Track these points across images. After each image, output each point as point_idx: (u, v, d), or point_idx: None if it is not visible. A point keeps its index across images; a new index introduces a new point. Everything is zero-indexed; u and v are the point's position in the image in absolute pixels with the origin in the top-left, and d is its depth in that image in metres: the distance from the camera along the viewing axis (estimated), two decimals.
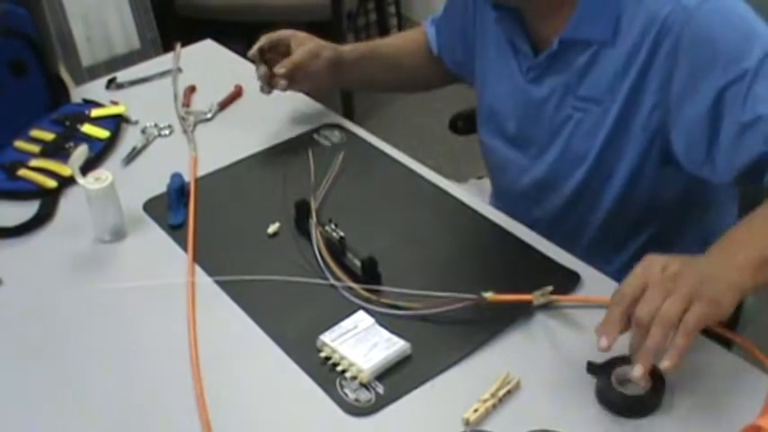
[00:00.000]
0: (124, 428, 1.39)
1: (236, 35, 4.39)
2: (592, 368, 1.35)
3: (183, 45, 2.51)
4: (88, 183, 1.72)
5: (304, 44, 1.98)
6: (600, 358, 1.35)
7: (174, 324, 1.54)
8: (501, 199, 1.93)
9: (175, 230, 1.77)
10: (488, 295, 1.46)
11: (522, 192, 1.83)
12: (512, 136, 1.82)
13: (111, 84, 2.34)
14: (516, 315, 1.48)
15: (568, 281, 1.55)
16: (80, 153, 1.74)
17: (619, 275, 1.52)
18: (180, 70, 2.29)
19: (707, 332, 1.40)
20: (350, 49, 2.05)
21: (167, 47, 4.05)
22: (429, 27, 2.11)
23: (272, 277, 1.59)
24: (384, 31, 4.82)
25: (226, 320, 1.56)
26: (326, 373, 1.42)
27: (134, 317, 1.60)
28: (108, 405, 1.43)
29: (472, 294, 1.47)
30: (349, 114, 3.70)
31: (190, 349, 1.49)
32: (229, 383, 1.44)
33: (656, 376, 1.31)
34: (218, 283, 1.62)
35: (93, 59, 4.06)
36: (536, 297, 1.47)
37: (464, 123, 2.30)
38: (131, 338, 1.55)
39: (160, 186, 1.86)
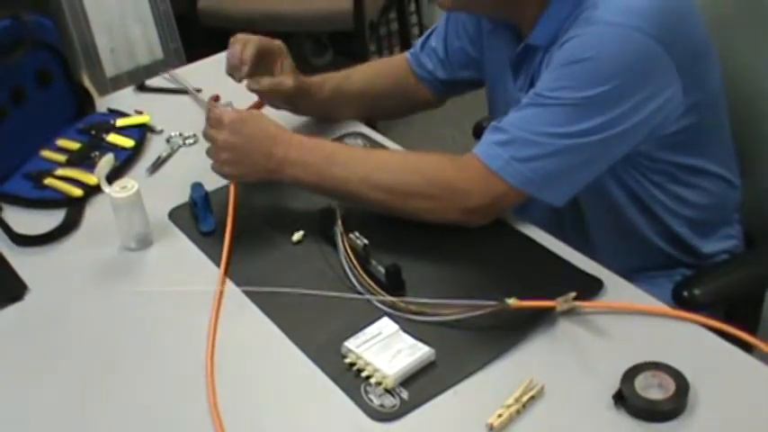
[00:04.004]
0: None
1: None
2: (618, 395, 1.35)
3: (206, 55, 2.53)
4: (114, 191, 1.74)
5: (288, 70, 1.98)
6: (623, 364, 1.36)
7: (199, 331, 1.56)
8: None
9: (203, 238, 1.79)
10: (511, 302, 1.47)
11: None
12: None
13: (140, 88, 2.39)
14: (539, 321, 1.49)
15: (591, 287, 1.56)
16: (106, 162, 1.77)
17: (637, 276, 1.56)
18: (199, 90, 2.31)
19: (728, 336, 1.41)
20: (312, 83, 2.06)
21: (190, 57, 4.09)
22: (414, 53, 2.13)
23: (298, 290, 1.60)
24: (405, 40, 4.83)
25: (250, 326, 1.58)
26: (351, 378, 1.43)
27: (160, 324, 1.62)
28: (131, 410, 1.45)
29: (495, 301, 1.47)
30: (371, 123, 3.72)
31: (206, 355, 1.50)
32: (255, 388, 1.46)
33: (679, 381, 1.32)
34: (245, 291, 1.64)
35: (117, 70, 4.08)
36: (559, 303, 1.48)
37: None
38: (157, 345, 1.57)
39: (185, 195, 1.87)
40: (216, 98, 1.93)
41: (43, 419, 1.45)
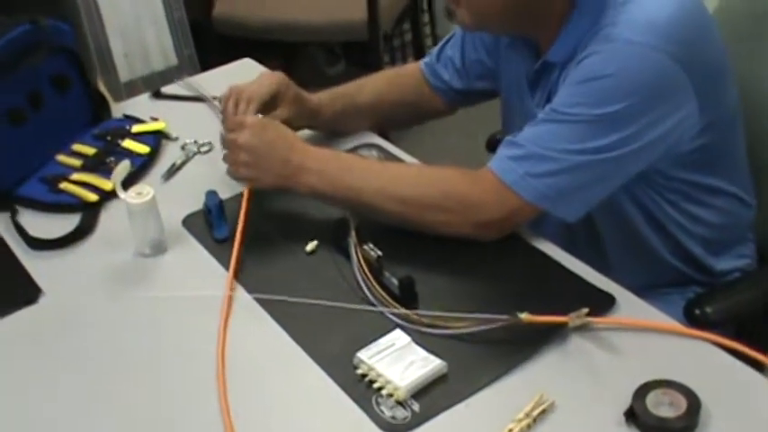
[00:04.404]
0: None
1: (273, 53, 4.45)
2: (629, 412, 1.35)
3: (220, 62, 2.54)
4: (130, 197, 1.75)
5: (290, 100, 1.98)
6: (635, 381, 1.36)
7: (212, 337, 1.57)
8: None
9: (217, 245, 1.79)
10: (524, 316, 1.47)
11: None
12: None
13: (156, 95, 2.41)
14: (551, 336, 1.50)
15: (603, 303, 1.56)
16: (122, 168, 1.78)
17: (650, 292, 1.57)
18: (215, 98, 2.32)
19: (740, 355, 1.42)
20: (323, 100, 2.07)
21: (204, 64, 4.11)
22: (429, 63, 2.14)
23: (311, 301, 1.61)
24: (419, 51, 4.84)
25: (262, 334, 1.59)
26: (363, 390, 1.44)
27: (172, 329, 1.63)
28: (142, 415, 1.46)
29: (508, 315, 1.48)
30: (383, 133, 3.72)
31: (217, 362, 1.51)
32: (266, 397, 1.47)
33: (691, 399, 1.32)
34: (256, 298, 1.65)
35: (131, 75, 4.10)
36: (571, 319, 1.49)
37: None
38: (169, 350, 1.58)
39: (199, 202, 1.88)
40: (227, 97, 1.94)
41: (54, 422, 1.46)
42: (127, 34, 4.05)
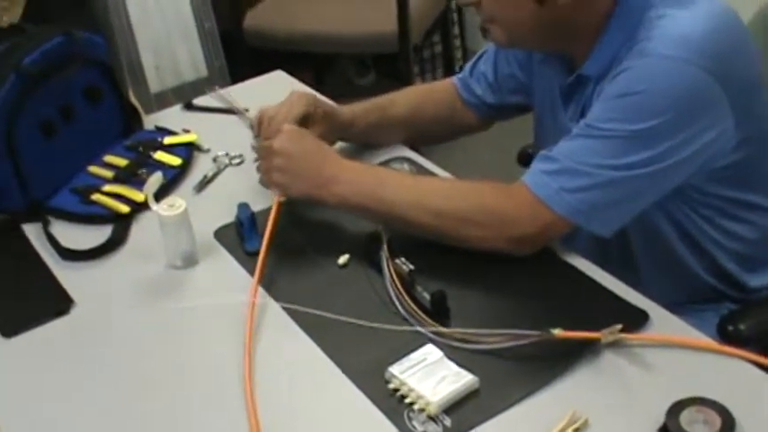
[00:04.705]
0: None
1: (303, 64, 4.46)
2: (663, 430, 1.35)
3: (250, 73, 2.55)
4: (162, 209, 1.76)
5: (319, 118, 1.99)
6: (668, 397, 1.36)
7: (237, 347, 1.57)
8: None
9: (249, 258, 1.79)
10: (556, 332, 1.47)
11: None
12: None
13: (187, 107, 2.42)
14: (584, 352, 1.49)
15: (636, 319, 1.56)
16: (155, 180, 1.78)
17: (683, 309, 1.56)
18: (247, 110, 2.34)
19: None
20: (355, 113, 2.08)
21: (235, 75, 4.13)
22: (462, 78, 2.15)
23: (343, 318, 1.61)
24: (449, 63, 4.85)
25: (294, 347, 1.59)
26: (395, 404, 1.44)
27: (203, 341, 1.63)
28: (171, 426, 1.47)
29: (540, 331, 1.47)
30: (414, 147, 3.71)
31: (243, 372, 1.51)
32: (297, 410, 1.47)
33: (725, 417, 1.31)
34: (288, 310, 1.65)
35: (162, 87, 4.12)
36: (604, 335, 1.48)
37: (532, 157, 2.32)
38: (200, 362, 1.59)
39: (231, 215, 1.89)
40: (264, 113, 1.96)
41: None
42: (158, 46, 4.08)
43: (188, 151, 2.18)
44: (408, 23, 3.98)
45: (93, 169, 2.10)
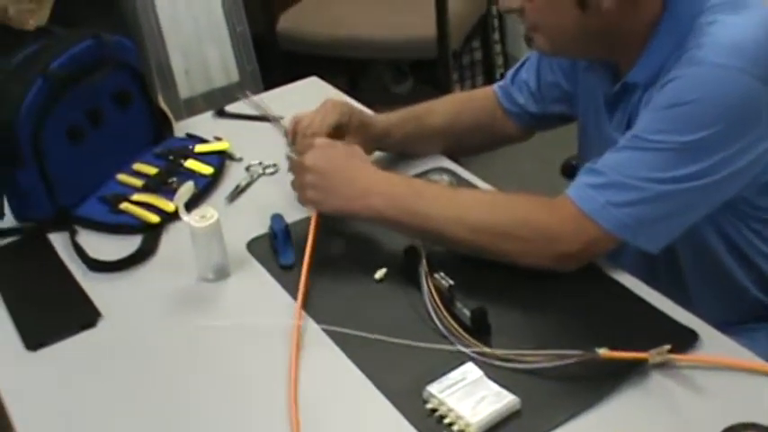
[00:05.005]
0: None
1: (338, 70, 4.48)
2: None
3: (283, 78, 2.57)
4: (193, 220, 1.77)
5: (354, 129, 2.01)
6: (719, 422, 1.35)
7: (274, 367, 1.58)
8: None
9: (282, 271, 1.81)
10: (601, 352, 1.47)
11: None
12: None
13: (219, 113, 2.45)
14: (630, 374, 1.49)
15: (685, 339, 1.55)
16: (186, 190, 1.80)
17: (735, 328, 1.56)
18: (281, 118, 2.35)
19: None
20: (391, 123, 2.10)
21: (267, 80, 4.15)
22: (503, 86, 2.16)
23: (381, 337, 1.61)
24: (489, 70, 4.85)
25: (329, 366, 1.59)
26: (433, 425, 1.44)
27: (234, 357, 1.64)
28: None
29: (584, 350, 1.47)
30: (453, 157, 3.69)
31: (289, 394, 1.51)
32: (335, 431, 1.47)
33: None
34: (324, 329, 1.65)
35: (191, 92, 4.15)
36: (652, 356, 1.48)
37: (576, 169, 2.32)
38: (230, 379, 1.59)
39: (264, 226, 1.91)
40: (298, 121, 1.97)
41: None
42: (188, 50, 4.11)
43: (220, 160, 2.19)
44: (447, 28, 3.99)
45: (122, 177, 2.12)
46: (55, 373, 1.64)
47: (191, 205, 1.85)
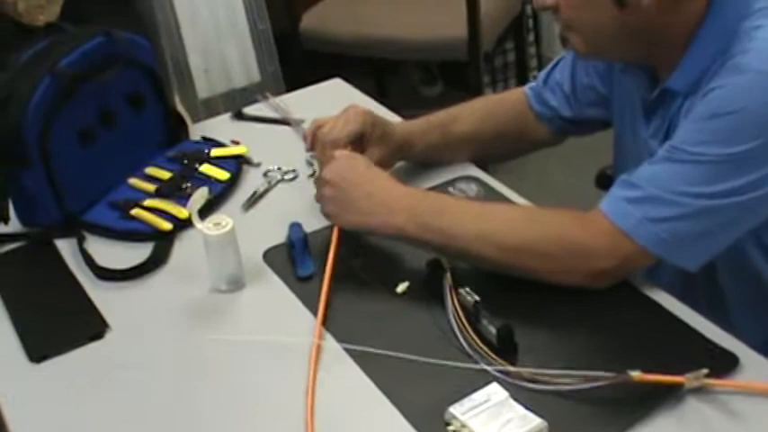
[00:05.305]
0: None
1: (364, 71, 4.47)
2: None
3: (306, 80, 2.56)
4: (207, 228, 1.76)
5: (376, 139, 2.00)
6: None
7: (289, 385, 1.57)
8: None
9: (299, 283, 1.80)
10: (635, 374, 1.45)
11: None
12: None
13: (237, 116, 2.44)
14: (665, 398, 1.47)
15: (725, 363, 1.53)
16: (199, 196, 1.79)
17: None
18: (302, 121, 2.35)
19: None
20: (414, 132, 2.08)
21: (289, 81, 4.15)
22: (534, 88, 2.14)
23: (401, 355, 1.59)
24: (522, 72, 4.84)
25: (347, 384, 1.58)
26: None
27: (248, 374, 1.62)
28: None
29: (616, 372, 1.45)
30: (484, 168, 3.66)
31: (306, 414, 1.50)
32: None
33: None
34: (344, 346, 1.64)
35: (210, 92, 4.14)
36: (688, 380, 1.46)
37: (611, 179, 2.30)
38: (243, 397, 1.58)
39: (282, 235, 1.90)
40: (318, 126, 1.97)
41: None
42: (207, 48, 4.10)
43: (237, 165, 2.19)
44: (479, 29, 3.97)
45: (134, 182, 2.12)
46: (59, 387, 1.63)
47: (205, 212, 1.85)
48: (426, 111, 2.13)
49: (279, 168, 2.17)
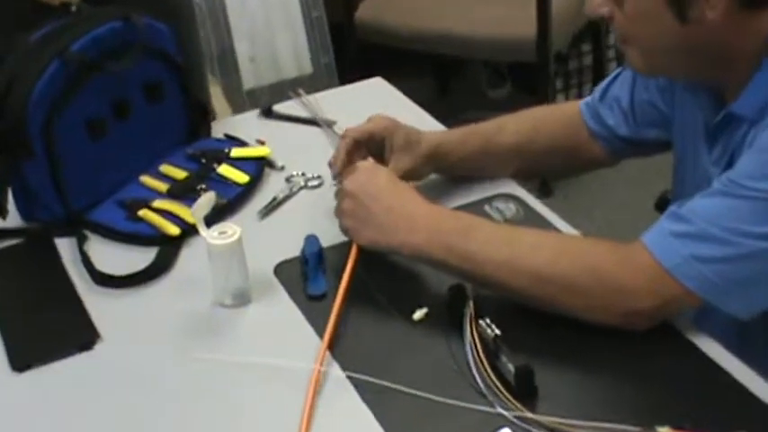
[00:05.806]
0: None
1: (425, 69, 4.45)
2: None
3: (361, 74, 2.54)
4: (211, 236, 1.75)
5: (399, 147, 1.97)
6: None
7: (284, 414, 1.54)
8: None
9: (310, 302, 1.78)
10: (663, 430, 1.41)
11: None
12: None
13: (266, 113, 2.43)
14: None
15: None
16: (205, 201, 1.77)
17: None
18: (334, 123, 2.33)
19: None
20: (448, 141, 2.05)
21: (343, 74, 4.13)
22: (590, 103, 2.10)
23: (411, 390, 1.56)
24: (600, 76, 4.78)
25: (346, 417, 1.56)
26: None
27: (243, 399, 1.61)
28: None
29: (643, 426, 1.42)
30: (545, 183, 3.65)
31: None
32: None
33: None
34: (349, 376, 1.62)
35: (257, 82, 4.14)
36: None
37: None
38: (235, 423, 1.56)
39: (297, 248, 1.88)
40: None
41: None
42: (255, 34, 4.10)
43: (258, 167, 2.17)
44: (549, 27, 3.94)
45: (146, 179, 2.11)
46: (40, 400, 1.63)
47: (216, 218, 1.85)
48: (492, 114, 2.12)
49: (303, 174, 2.16)
